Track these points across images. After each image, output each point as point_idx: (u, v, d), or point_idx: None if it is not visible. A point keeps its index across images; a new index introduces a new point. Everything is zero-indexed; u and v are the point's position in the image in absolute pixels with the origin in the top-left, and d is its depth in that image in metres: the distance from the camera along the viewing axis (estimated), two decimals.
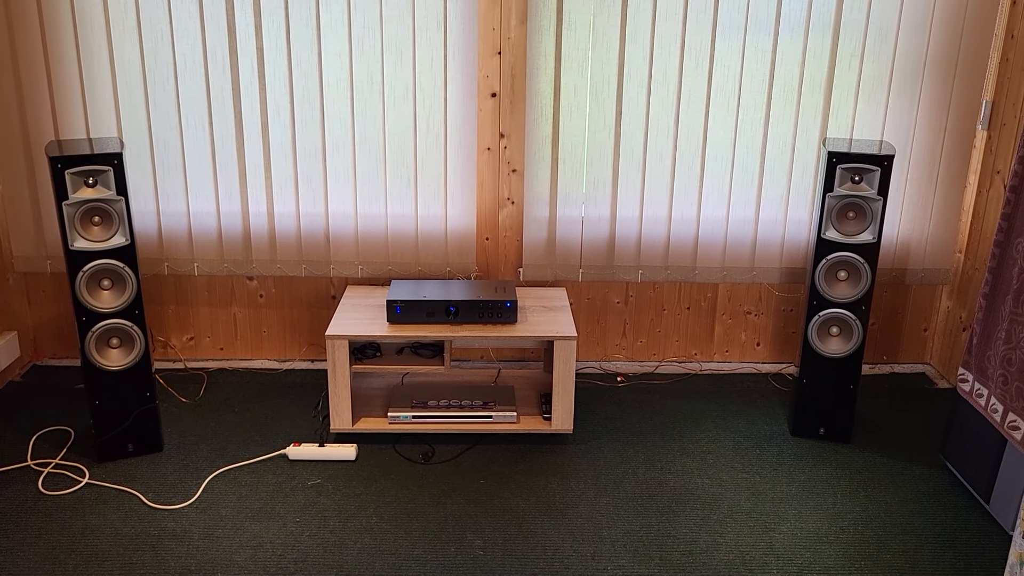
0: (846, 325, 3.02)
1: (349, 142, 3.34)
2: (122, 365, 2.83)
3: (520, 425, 3.08)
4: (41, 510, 2.67)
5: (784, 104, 3.33)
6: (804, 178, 3.42)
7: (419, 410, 3.08)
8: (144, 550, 2.50)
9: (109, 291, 2.77)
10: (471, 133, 3.34)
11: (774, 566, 2.49)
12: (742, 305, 3.63)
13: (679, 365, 3.70)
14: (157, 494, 2.76)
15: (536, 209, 3.44)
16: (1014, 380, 2.59)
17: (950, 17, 3.25)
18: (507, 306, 3.05)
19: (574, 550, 2.54)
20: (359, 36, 3.23)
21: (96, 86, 3.25)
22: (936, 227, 3.49)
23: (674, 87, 3.30)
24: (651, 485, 2.86)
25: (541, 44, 3.25)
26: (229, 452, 3.00)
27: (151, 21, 3.18)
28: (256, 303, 3.58)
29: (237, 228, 3.43)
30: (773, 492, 2.84)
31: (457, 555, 2.51)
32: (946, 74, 3.31)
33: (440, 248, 3.48)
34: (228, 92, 3.27)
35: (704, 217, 3.46)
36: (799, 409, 3.14)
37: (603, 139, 3.35)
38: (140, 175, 3.35)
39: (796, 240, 3.50)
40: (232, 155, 3.34)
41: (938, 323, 3.67)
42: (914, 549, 2.58)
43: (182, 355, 3.65)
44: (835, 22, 3.25)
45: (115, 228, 2.73)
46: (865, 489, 2.86)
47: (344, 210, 3.42)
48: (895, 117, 3.36)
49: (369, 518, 2.67)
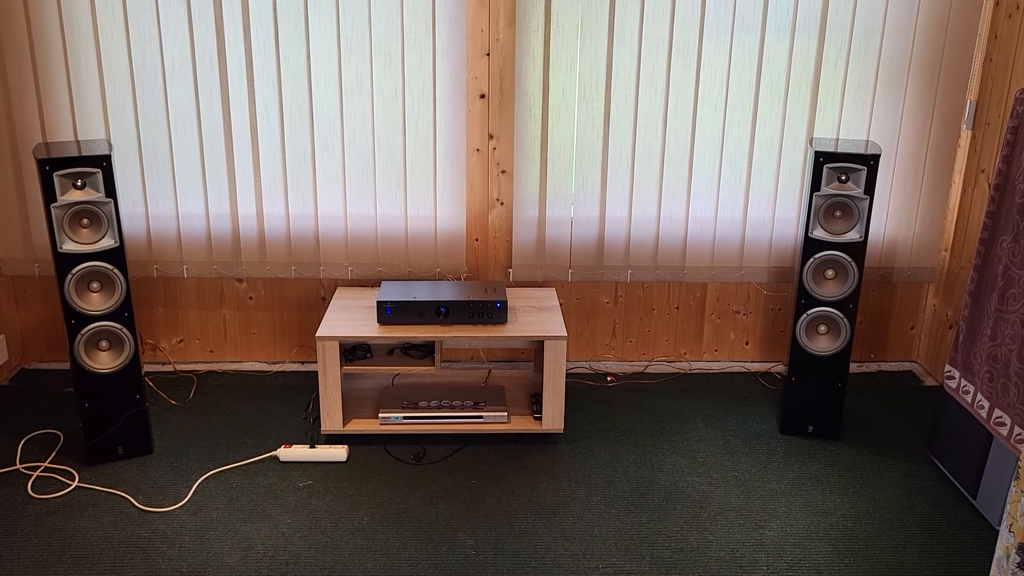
0: (834, 323, 3.04)
1: (338, 143, 3.34)
2: (111, 368, 2.82)
3: (511, 425, 3.09)
4: (31, 514, 2.66)
5: (771, 104, 3.36)
6: (791, 178, 3.44)
7: (410, 411, 3.08)
8: (135, 553, 2.49)
9: (98, 294, 2.77)
10: (460, 134, 3.35)
11: (764, 563, 2.51)
12: (731, 304, 3.65)
13: (669, 364, 3.72)
14: (147, 497, 2.75)
15: (525, 210, 3.44)
16: (1000, 376, 2.61)
17: (934, 18, 3.28)
18: (497, 306, 3.05)
19: (565, 549, 2.55)
20: (348, 37, 3.23)
21: (84, 88, 3.23)
22: (922, 226, 3.52)
23: (662, 88, 3.32)
24: (642, 484, 2.87)
25: (529, 45, 3.26)
26: (220, 454, 2.99)
27: (139, 23, 3.18)
28: (246, 305, 3.58)
29: (226, 230, 3.42)
30: (763, 490, 2.85)
31: (449, 555, 2.51)
32: (931, 74, 3.34)
33: (430, 249, 3.48)
34: (216, 94, 3.27)
35: (692, 217, 3.47)
36: (788, 407, 3.16)
37: (592, 140, 3.37)
38: (128, 177, 3.34)
39: (784, 239, 3.52)
40: (221, 157, 3.34)
41: (924, 321, 3.70)
42: (902, 545, 2.60)
43: (171, 357, 3.64)
44: (821, 23, 3.27)
45: (104, 230, 2.72)
46: (853, 486, 2.88)
47: (333, 211, 3.42)
48: (881, 117, 3.38)
49: (361, 519, 2.67)
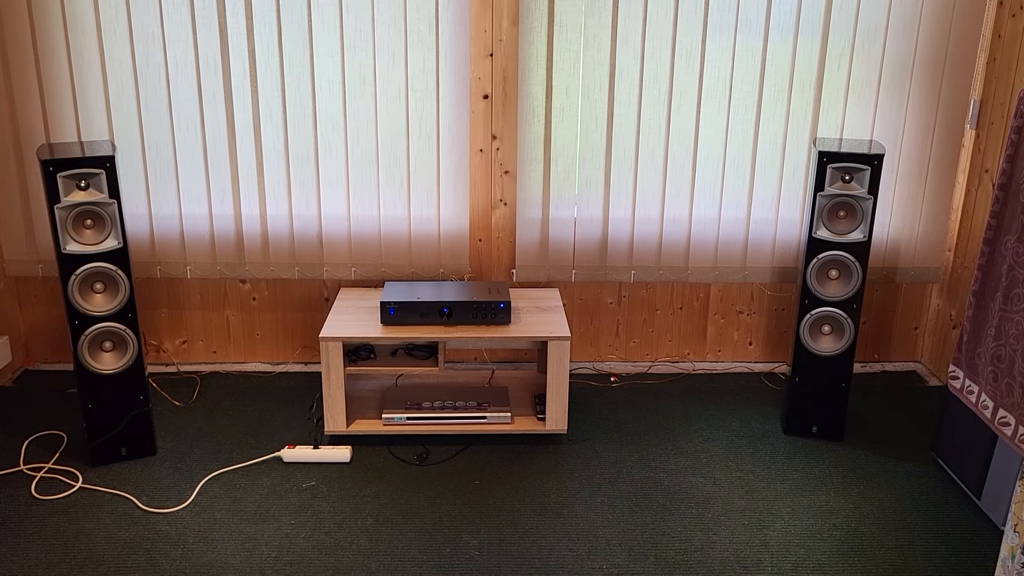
0: (838, 323, 3.04)
1: (342, 144, 3.34)
2: (115, 369, 2.82)
3: (514, 426, 3.08)
4: (35, 515, 2.66)
5: (774, 104, 3.35)
6: (795, 178, 3.43)
7: (413, 411, 3.08)
8: (139, 554, 2.49)
9: (102, 294, 2.77)
10: (463, 135, 3.35)
11: (768, 563, 2.50)
12: (734, 305, 3.65)
13: (672, 365, 3.72)
14: (151, 497, 2.75)
15: (529, 210, 3.44)
16: (1004, 376, 2.61)
17: (938, 18, 3.27)
18: (500, 307, 3.05)
19: (569, 549, 2.55)
20: (351, 38, 3.23)
21: (87, 89, 3.24)
22: (926, 226, 3.51)
23: (665, 88, 3.32)
24: (645, 484, 2.87)
25: (533, 46, 3.26)
26: (223, 455, 2.99)
27: (142, 24, 3.18)
28: (249, 306, 3.58)
29: (230, 231, 3.43)
30: (767, 490, 2.85)
31: (453, 556, 2.51)
32: (934, 74, 3.34)
33: (433, 250, 3.48)
34: (220, 95, 3.27)
35: (696, 217, 3.47)
36: (792, 408, 3.15)
37: (595, 140, 3.36)
38: (132, 178, 3.34)
39: (787, 239, 3.51)
40: (224, 158, 3.34)
41: (928, 321, 3.69)
42: (907, 545, 2.59)
43: (175, 358, 3.64)
44: (824, 23, 3.27)
45: (107, 231, 2.73)
46: (858, 486, 2.88)
47: (337, 212, 3.42)
48: (884, 117, 3.38)
49: (364, 520, 2.67)
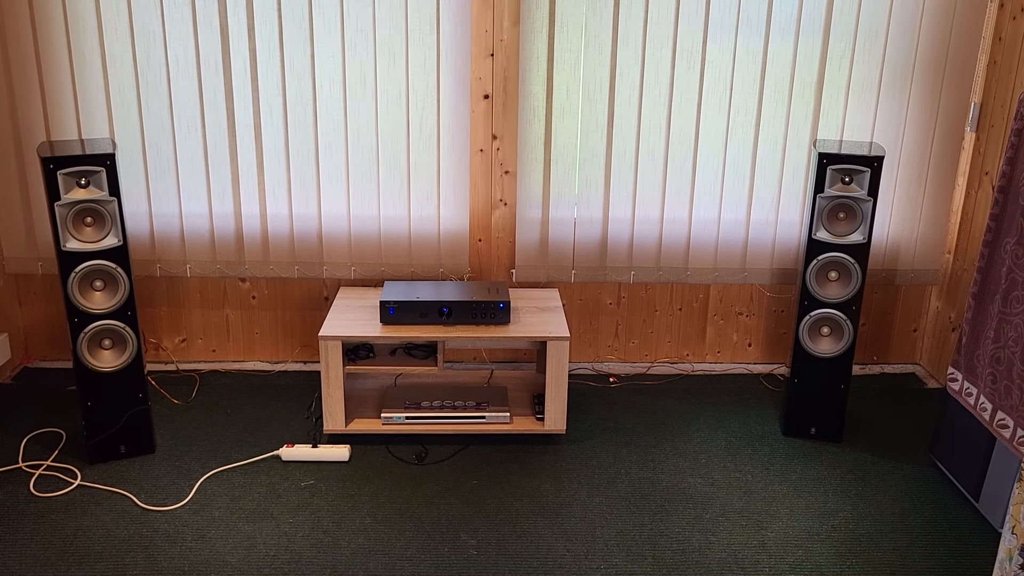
0: (837, 325, 3.04)
1: (342, 143, 3.35)
2: (114, 366, 2.82)
3: (513, 426, 3.09)
4: (33, 512, 2.66)
5: (775, 106, 3.35)
6: (795, 179, 3.44)
7: (412, 411, 3.08)
8: (137, 551, 2.49)
9: (101, 292, 2.77)
10: (464, 135, 3.35)
11: (766, 564, 2.50)
12: (734, 306, 3.65)
13: (671, 366, 3.72)
14: (150, 495, 2.75)
15: (529, 210, 3.44)
16: (1003, 379, 2.61)
17: (938, 20, 3.27)
18: (500, 307, 3.05)
19: (567, 550, 2.55)
20: (352, 38, 3.23)
21: (88, 87, 3.24)
22: (925, 228, 3.52)
23: (666, 88, 3.32)
24: (644, 485, 2.87)
25: (533, 46, 3.26)
26: (222, 453, 2.99)
27: (143, 23, 3.18)
28: (248, 304, 3.58)
29: (230, 229, 3.43)
30: (765, 491, 2.85)
31: (451, 555, 2.51)
32: (935, 76, 3.34)
33: (433, 249, 3.48)
34: (221, 93, 3.27)
35: (696, 218, 3.47)
36: (790, 409, 3.15)
37: (595, 140, 3.37)
38: (132, 176, 3.35)
39: (787, 241, 3.51)
40: (225, 156, 3.34)
41: (928, 323, 3.69)
42: (905, 547, 2.59)
43: (174, 357, 3.65)
44: (825, 24, 3.27)
45: (107, 229, 2.73)
46: (856, 488, 2.88)
47: (337, 211, 3.42)
48: (885, 119, 3.38)
49: (363, 519, 2.67)
